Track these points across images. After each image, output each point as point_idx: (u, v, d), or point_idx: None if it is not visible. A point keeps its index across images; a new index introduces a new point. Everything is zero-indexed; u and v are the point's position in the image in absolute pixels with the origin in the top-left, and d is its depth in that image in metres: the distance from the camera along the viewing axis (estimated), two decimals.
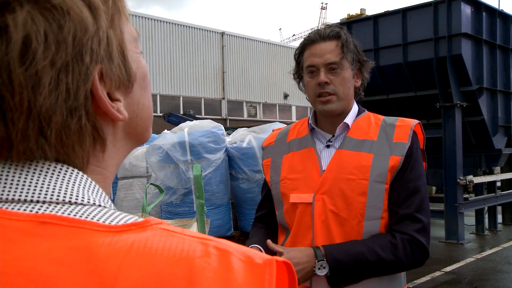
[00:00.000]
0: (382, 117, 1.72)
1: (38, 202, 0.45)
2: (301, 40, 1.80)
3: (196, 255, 0.42)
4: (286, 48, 28.94)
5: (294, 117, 26.99)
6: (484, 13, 8.14)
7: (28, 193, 0.45)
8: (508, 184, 9.82)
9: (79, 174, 0.49)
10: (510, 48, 8.88)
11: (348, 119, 1.65)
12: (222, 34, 24.96)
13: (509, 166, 9.55)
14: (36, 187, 0.46)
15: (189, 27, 23.64)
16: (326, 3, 60.29)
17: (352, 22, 9.11)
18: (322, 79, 1.60)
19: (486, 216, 9.16)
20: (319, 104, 1.63)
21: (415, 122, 1.64)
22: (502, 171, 9.60)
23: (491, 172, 9.15)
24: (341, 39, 1.63)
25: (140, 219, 0.47)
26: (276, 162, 1.74)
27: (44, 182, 0.46)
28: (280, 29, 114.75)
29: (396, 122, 1.65)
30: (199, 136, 5.57)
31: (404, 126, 1.62)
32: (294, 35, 60.11)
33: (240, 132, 6.11)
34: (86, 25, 0.47)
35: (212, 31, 24.75)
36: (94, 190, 0.49)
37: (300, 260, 1.47)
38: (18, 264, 0.40)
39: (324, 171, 1.61)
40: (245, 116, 25.63)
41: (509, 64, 8.89)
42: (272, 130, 1.92)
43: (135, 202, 6.12)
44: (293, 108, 27.40)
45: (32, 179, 0.46)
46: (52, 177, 0.47)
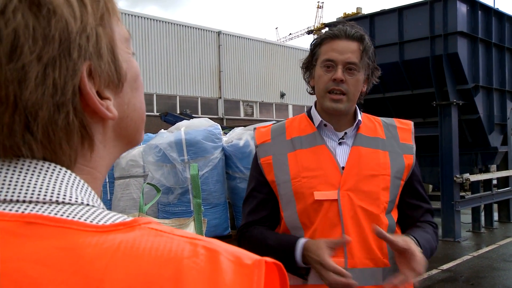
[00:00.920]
0: (378, 117, 1.79)
1: (25, 202, 0.44)
2: (297, 39, 1.79)
3: (184, 255, 0.42)
4: (283, 47, 28.94)
5: (291, 116, 26.95)
6: (479, 11, 8.16)
7: (14, 192, 0.45)
8: (504, 182, 9.85)
9: (67, 172, 0.48)
10: (506, 47, 8.91)
11: (359, 117, 1.69)
12: (219, 33, 24.94)
13: (505, 164, 9.58)
14: (23, 186, 0.45)
15: (185, 26, 23.60)
16: (323, 2, 60.29)
17: (349, 21, 9.10)
18: (339, 76, 1.58)
19: (483, 214, 9.20)
20: (328, 101, 1.62)
21: (412, 123, 1.78)
22: (498, 169, 9.63)
23: (487, 170, 9.18)
24: (363, 43, 1.63)
25: (129, 219, 0.46)
26: (280, 160, 1.66)
27: (31, 181, 0.46)
28: (276, 28, 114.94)
29: (396, 123, 1.75)
30: (196, 135, 5.56)
31: (406, 128, 1.75)
32: (290, 34, 60.14)
33: (237, 131, 6.11)
34: (74, 21, 0.47)
35: (209, 30, 24.72)
36: (82, 189, 0.49)
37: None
38: (2, 265, 0.39)
39: (344, 167, 1.61)
40: (241, 115, 25.63)
41: (504, 63, 8.92)
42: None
43: (132, 202, 6.11)
44: (289, 107, 27.40)
45: (19, 179, 0.45)
46: (39, 176, 0.46)
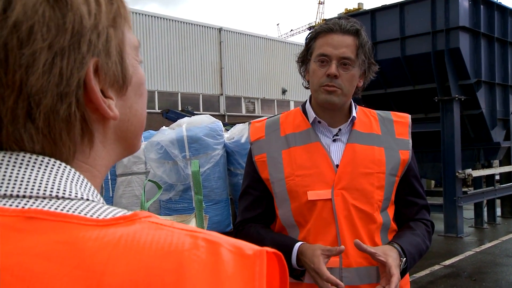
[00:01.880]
0: (374, 111, 1.76)
1: (25, 197, 0.45)
2: (298, 35, 1.78)
3: (185, 247, 0.42)
4: (284, 44, 28.90)
5: None
6: (482, 6, 8.12)
7: (14, 187, 0.45)
8: (507, 177, 9.83)
9: (66, 167, 0.49)
10: (508, 41, 8.86)
11: (354, 113, 1.66)
12: (220, 30, 24.91)
13: (507, 159, 9.56)
14: (23, 181, 0.46)
15: (186, 23, 23.57)
16: None
17: (350, 17, 9.08)
18: (333, 72, 1.56)
19: (485, 209, 9.18)
20: (322, 93, 1.59)
21: (409, 117, 1.74)
22: (501, 164, 9.60)
23: (489, 166, 9.16)
24: (359, 37, 1.60)
25: (129, 213, 0.46)
26: (274, 158, 1.64)
27: (31, 176, 0.46)
28: (278, 24, 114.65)
29: (392, 117, 1.72)
30: (197, 132, 5.56)
31: (402, 122, 1.71)
32: (292, 30, 60.04)
33: (238, 127, 6.10)
34: (88, 17, 0.48)
35: (210, 27, 24.69)
36: (82, 184, 0.49)
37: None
38: (3, 260, 0.40)
39: (339, 165, 1.60)
40: (243, 112, 25.62)
41: (507, 57, 8.88)
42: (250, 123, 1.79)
43: (134, 199, 6.12)
44: (291, 103, 27.39)
45: (18, 173, 0.46)
46: (39, 171, 0.47)
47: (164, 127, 6.16)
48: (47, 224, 0.42)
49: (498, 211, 9.71)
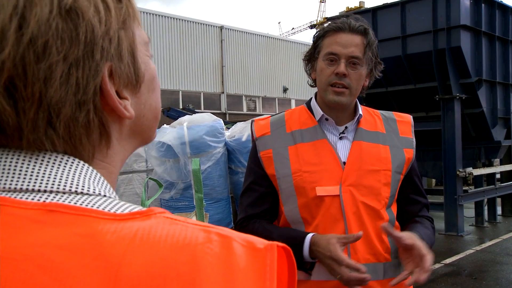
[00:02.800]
0: (377, 110, 1.78)
1: (46, 191, 0.47)
2: (300, 33, 1.79)
3: (198, 241, 0.44)
4: (285, 42, 28.86)
5: None
6: (483, 4, 8.10)
7: (36, 182, 0.47)
8: (508, 176, 9.82)
9: (85, 165, 0.51)
10: (510, 40, 8.85)
11: (360, 111, 1.68)
12: (221, 28, 24.89)
13: (508, 158, 9.55)
14: (44, 177, 0.48)
15: (187, 21, 23.56)
16: None
17: (357, 15, 9.05)
18: (342, 70, 1.57)
19: (486, 208, 9.18)
20: (330, 94, 1.60)
21: (411, 117, 1.78)
22: (502, 163, 9.60)
23: (490, 164, 9.15)
24: (367, 37, 1.62)
25: (144, 208, 0.48)
26: (280, 153, 1.64)
27: (51, 172, 0.48)
28: (279, 22, 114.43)
29: (395, 117, 1.75)
30: (198, 131, 5.57)
31: (405, 121, 1.75)
32: (293, 28, 59.97)
33: (239, 126, 6.11)
34: (99, 26, 0.50)
35: (211, 25, 24.67)
36: (99, 182, 0.51)
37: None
38: (26, 250, 0.42)
39: (346, 163, 1.61)
40: (244, 110, 25.60)
41: (508, 56, 8.87)
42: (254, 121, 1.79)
43: (134, 197, 6.13)
44: (292, 102, 27.37)
45: (40, 169, 0.48)
46: (59, 167, 0.49)
47: (165, 125, 6.16)
48: (67, 217, 0.44)
49: (499, 210, 9.70)
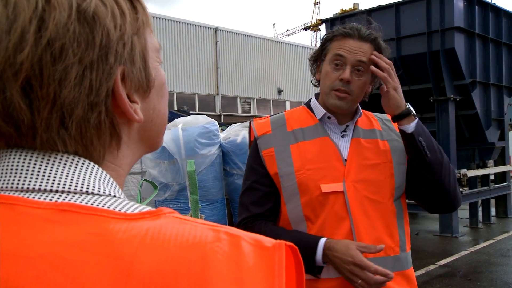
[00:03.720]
0: (370, 112, 1.82)
1: (57, 191, 0.49)
2: (294, 35, 1.79)
3: (208, 240, 0.44)
4: (280, 44, 28.91)
5: None
6: (476, 6, 8.15)
7: (48, 183, 0.49)
8: (502, 177, 9.87)
9: (95, 167, 0.52)
10: (503, 42, 8.91)
11: (360, 111, 1.72)
12: (216, 29, 24.89)
13: (502, 159, 9.60)
14: (56, 177, 0.49)
15: (182, 23, 23.54)
16: None
17: (345, 17, 9.10)
18: (346, 77, 1.57)
19: (480, 209, 9.21)
20: (332, 98, 1.61)
21: None
22: (495, 164, 9.64)
23: (484, 166, 9.19)
24: (375, 45, 1.62)
25: (154, 209, 0.49)
26: (282, 152, 1.64)
27: (63, 173, 0.50)
28: (273, 24, 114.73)
29: (389, 117, 1.75)
30: (193, 132, 5.56)
31: None
32: (287, 30, 60.08)
33: (234, 127, 6.11)
34: (114, 30, 0.51)
35: (205, 27, 24.66)
36: (109, 182, 0.53)
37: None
38: (39, 248, 0.43)
39: (347, 159, 1.62)
40: (239, 112, 25.60)
41: (501, 58, 8.92)
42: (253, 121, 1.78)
43: (129, 199, 6.10)
44: (287, 103, 27.39)
45: (52, 170, 0.50)
46: (70, 168, 0.50)
47: None
48: (79, 216, 0.46)
49: (493, 211, 9.74)
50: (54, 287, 0.41)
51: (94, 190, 0.50)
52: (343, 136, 1.68)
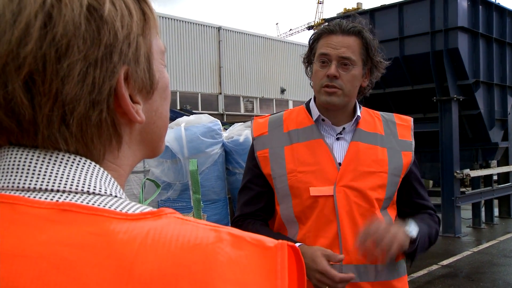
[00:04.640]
0: (378, 112, 1.78)
1: (58, 191, 0.48)
2: (297, 35, 1.80)
3: (209, 241, 0.44)
4: (283, 43, 28.88)
5: None
6: (480, 6, 8.12)
7: (49, 182, 0.49)
8: (505, 177, 9.85)
9: (96, 166, 0.52)
10: (507, 42, 8.87)
11: (358, 112, 1.68)
12: (219, 29, 24.89)
13: (505, 160, 9.57)
14: (56, 177, 0.49)
15: (185, 22, 23.54)
16: None
17: (349, 17, 9.07)
18: (332, 72, 1.58)
19: (483, 209, 9.19)
20: (323, 95, 1.61)
21: (412, 120, 1.76)
22: (499, 165, 9.61)
23: (487, 166, 9.17)
24: (361, 37, 1.62)
25: (155, 209, 0.49)
26: (276, 153, 1.65)
27: (64, 172, 0.50)
28: (277, 23, 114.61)
29: (395, 119, 1.75)
30: (195, 131, 5.56)
31: (405, 125, 1.74)
32: (291, 29, 60.04)
33: (237, 127, 6.10)
34: (121, 30, 0.52)
35: (209, 26, 24.65)
36: (110, 182, 0.53)
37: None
38: (39, 248, 0.43)
39: (341, 163, 1.61)
40: (242, 111, 25.59)
41: (505, 58, 8.89)
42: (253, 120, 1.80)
43: (132, 198, 6.12)
44: (290, 103, 27.37)
45: (53, 170, 0.49)
46: (72, 168, 0.50)
47: None
48: (80, 216, 0.45)
49: (496, 211, 9.71)
50: (55, 287, 0.41)
51: (95, 190, 0.50)
52: (338, 139, 1.66)
